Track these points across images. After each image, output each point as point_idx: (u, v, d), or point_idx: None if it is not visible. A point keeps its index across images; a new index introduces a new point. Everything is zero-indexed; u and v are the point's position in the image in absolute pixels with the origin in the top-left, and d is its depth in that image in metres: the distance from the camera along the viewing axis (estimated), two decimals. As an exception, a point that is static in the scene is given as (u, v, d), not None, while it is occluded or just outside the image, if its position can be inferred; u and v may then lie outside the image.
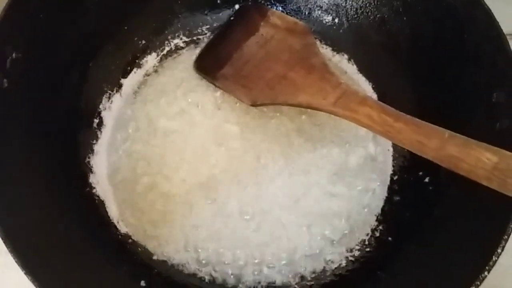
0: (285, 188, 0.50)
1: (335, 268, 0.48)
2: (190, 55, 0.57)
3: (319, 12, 0.58)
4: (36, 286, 0.35)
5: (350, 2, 0.56)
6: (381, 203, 0.51)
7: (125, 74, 0.55)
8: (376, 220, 0.50)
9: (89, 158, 0.51)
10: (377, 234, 0.49)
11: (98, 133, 0.52)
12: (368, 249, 0.49)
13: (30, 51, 0.44)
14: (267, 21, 0.55)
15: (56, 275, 0.38)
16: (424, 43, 0.51)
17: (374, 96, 0.55)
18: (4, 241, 0.35)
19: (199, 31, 0.58)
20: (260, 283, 0.47)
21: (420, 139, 0.40)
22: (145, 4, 0.55)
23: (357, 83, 0.56)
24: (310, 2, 0.58)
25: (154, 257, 0.48)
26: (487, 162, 0.37)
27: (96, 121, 0.53)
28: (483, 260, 0.37)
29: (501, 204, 0.38)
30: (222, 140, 0.52)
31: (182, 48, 0.58)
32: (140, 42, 0.56)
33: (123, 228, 0.49)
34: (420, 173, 0.49)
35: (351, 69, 0.57)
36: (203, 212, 0.49)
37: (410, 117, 0.42)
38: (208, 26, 0.59)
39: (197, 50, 0.57)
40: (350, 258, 0.48)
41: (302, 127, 0.53)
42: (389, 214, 0.50)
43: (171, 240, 0.48)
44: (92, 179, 0.50)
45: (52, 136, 0.46)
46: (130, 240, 0.48)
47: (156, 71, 0.56)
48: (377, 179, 0.51)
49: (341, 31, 0.58)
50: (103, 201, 0.49)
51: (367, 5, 0.55)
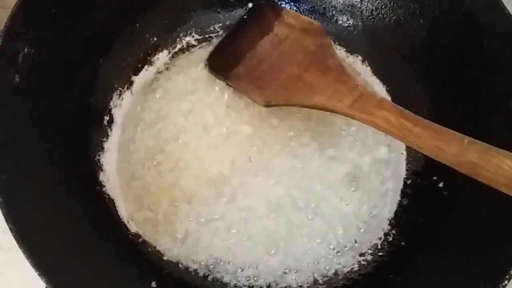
0: (297, 190, 0.49)
1: (347, 272, 0.48)
2: (202, 53, 0.56)
3: (334, 13, 0.58)
4: (50, 288, 0.35)
5: (366, 3, 0.56)
6: (394, 207, 0.50)
7: (136, 72, 0.55)
8: (389, 224, 0.50)
9: (99, 156, 0.50)
10: (390, 239, 0.49)
11: (108, 131, 0.52)
12: (381, 254, 0.48)
13: (42, 47, 0.43)
14: (282, 21, 0.54)
15: (69, 277, 0.37)
16: (441, 48, 0.51)
17: (388, 99, 0.55)
18: (18, 243, 0.34)
19: (212, 29, 0.58)
20: (273, 286, 0.47)
21: (439, 145, 0.40)
22: (158, 1, 0.55)
23: (371, 85, 0.56)
24: (325, 2, 0.58)
25: (165, 258, 0.47)
26: (508, 170, 0.36)
27: (107, 119, 0.52)
28: (503, 269, 0.36)
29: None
30: (233, 139, 0.51)
31: (194, 46, 0.57)
32: (152, 39, 0.56)
33: (133, 228, 0.48)
34: (435, 178, 0.49)
35: (365, 71, 0.57)
36: (215, 211, 0.48)
37: (429, 122, 0.41)
38: (221, 24, 0.58)
39: (209, 48, 0.57)
40: (363, 262, 0.48)
41: (314, 129, 0.52)
42: (402, 219, 0.50)
43: (182, 240, 0.48)
44: (102, 177, 0.49)
45: (63, 133, 0.45)
46: (141, 240, 0.48)
47: (168, 69, 0.56)
48: (390, 183, 0.51)
49: (356, 32, 0.57)
50: (113, 200, 0.49)
51: (383, 7, 0.55)
